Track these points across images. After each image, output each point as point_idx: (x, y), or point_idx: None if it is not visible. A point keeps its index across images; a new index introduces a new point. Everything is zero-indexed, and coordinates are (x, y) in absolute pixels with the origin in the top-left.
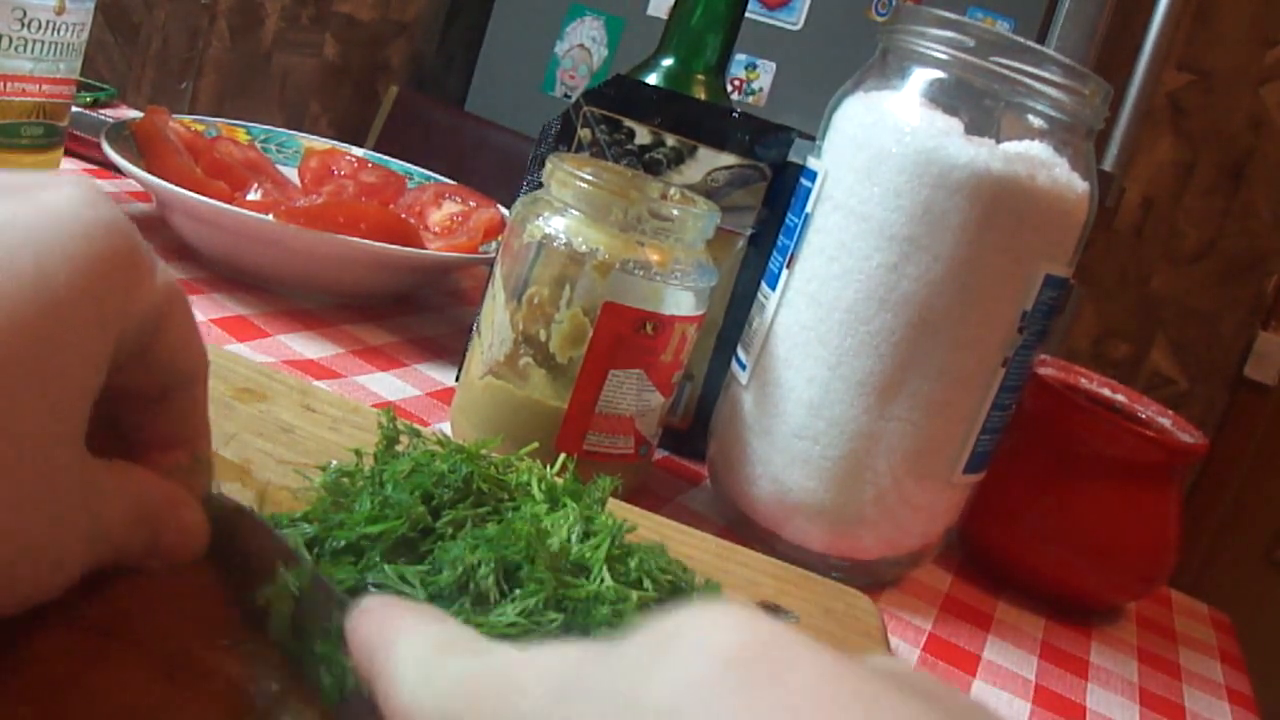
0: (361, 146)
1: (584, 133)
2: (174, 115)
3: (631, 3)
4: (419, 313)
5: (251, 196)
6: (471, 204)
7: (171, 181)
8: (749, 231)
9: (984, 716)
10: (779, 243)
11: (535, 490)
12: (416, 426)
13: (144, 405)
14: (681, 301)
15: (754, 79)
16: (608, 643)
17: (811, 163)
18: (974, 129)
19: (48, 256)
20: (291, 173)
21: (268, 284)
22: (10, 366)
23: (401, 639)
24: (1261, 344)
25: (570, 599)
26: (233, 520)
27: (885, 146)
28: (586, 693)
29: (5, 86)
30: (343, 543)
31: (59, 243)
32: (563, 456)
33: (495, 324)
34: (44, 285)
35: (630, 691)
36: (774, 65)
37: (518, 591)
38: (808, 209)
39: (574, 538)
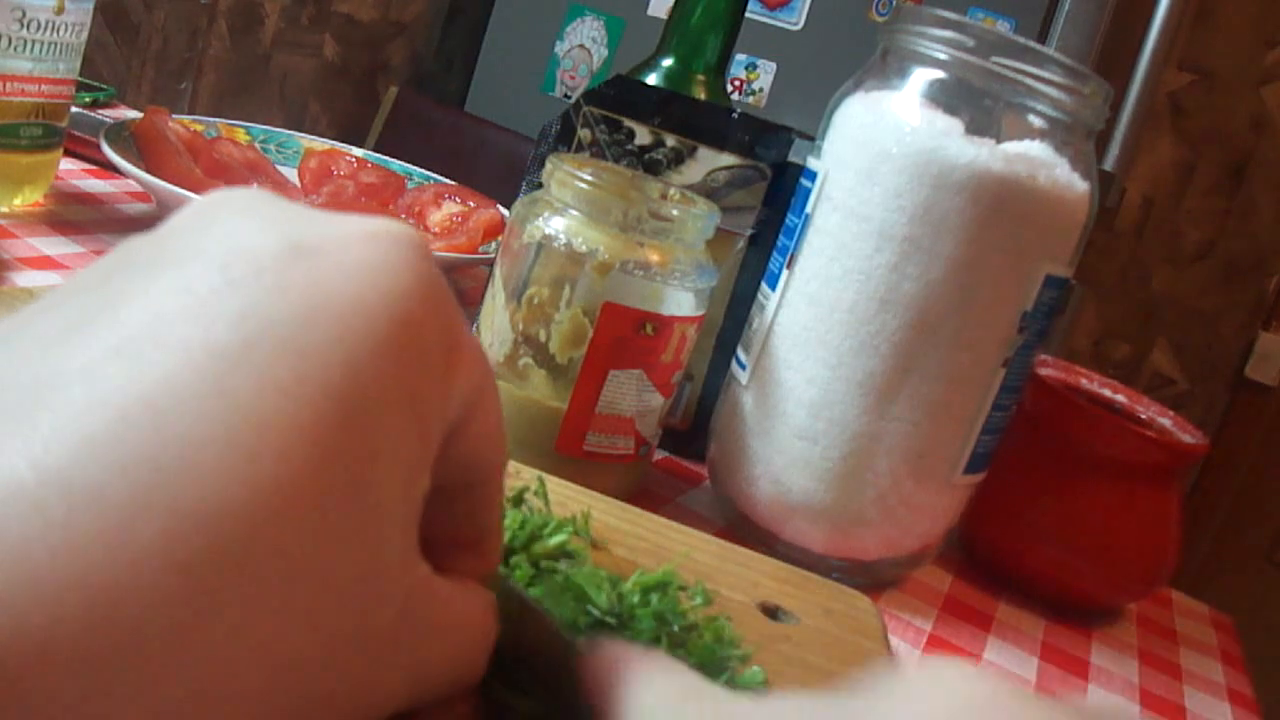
0: (361, 147)
1: (584, 133)
2: (173, 115)
3: (631, 3)
4: None
5: None
6: (471, 204)
7: (171, 182)
8: (749, 232)
9: None
10: (779, 243)
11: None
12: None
13: (441, 503)
14: (681, 302)
15: (754, 79)
16: (847, 697)
17: (811, 163)
18: (974, 129)
19: (357, 353)
20: (291, 173)
21: None
22: (322, 511)
23: (641, 685)
24: (1262, 344)
25: None
26: (519, 623)
27: (885, 147)
28: None
29: (4, 87)
30: None
31: (369, 330)
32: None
33: (495, 324)
34: (357, 394)
35: None
36: (774, 65)
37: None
38: (808, 209)
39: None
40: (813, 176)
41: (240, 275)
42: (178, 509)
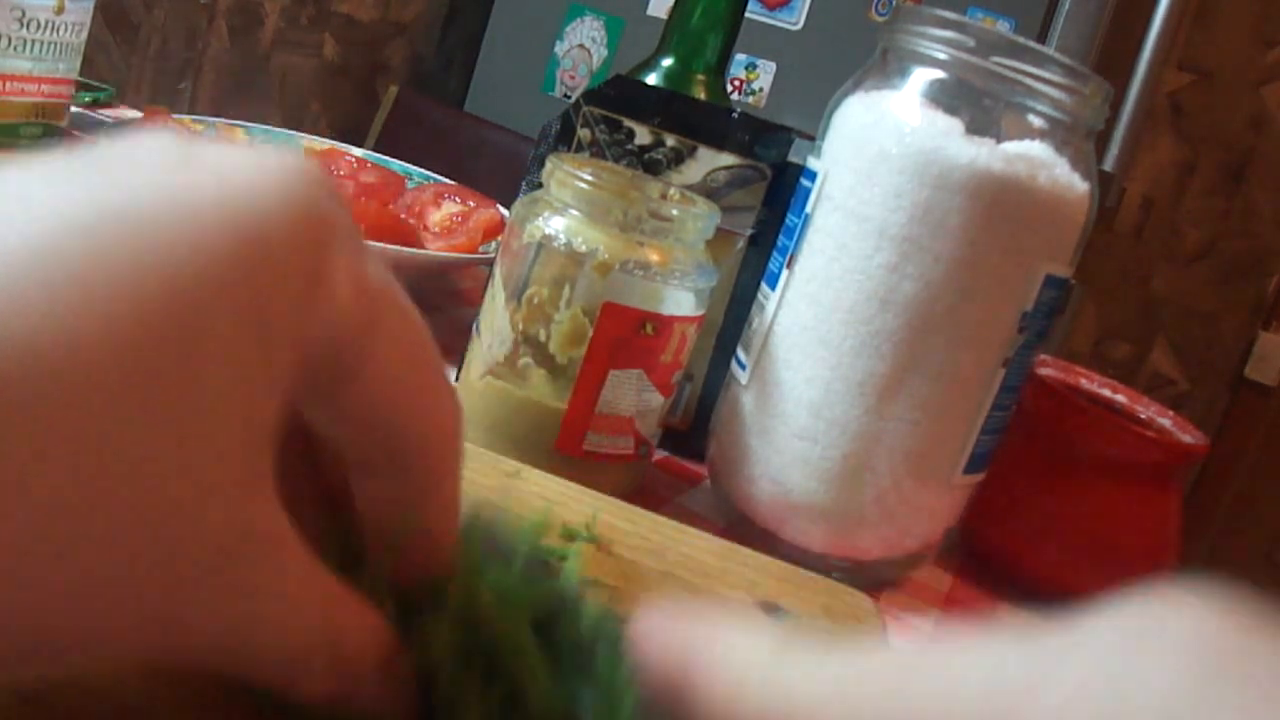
0: (361, 147)
1: (584, 133)
2: (173, 115)
3: (631, 3)
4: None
5: None
6: (471, 204)
7: None
8: (749, 232)
9: None
10: (779, 243)
11: None
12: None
13: (364, 485)
14: (681, 302)
15: (754, 79)
16: (1015, 643)
17: (811, 163)
18: (974, 129)
19: (203, 251)
20: None
21: None
22: (140, 379)
23: (723, 645)
24: (1262, 344)
25: None
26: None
27: (885, 147)
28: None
29: (4, 86)
30: None
31: (221, 234)
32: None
33: (495, 324)
34: (191, 286)
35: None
36: (774, 65)
37: None
38: (808, 209)
39: None
40: (812, 176)
41: (124, 160)
42: None
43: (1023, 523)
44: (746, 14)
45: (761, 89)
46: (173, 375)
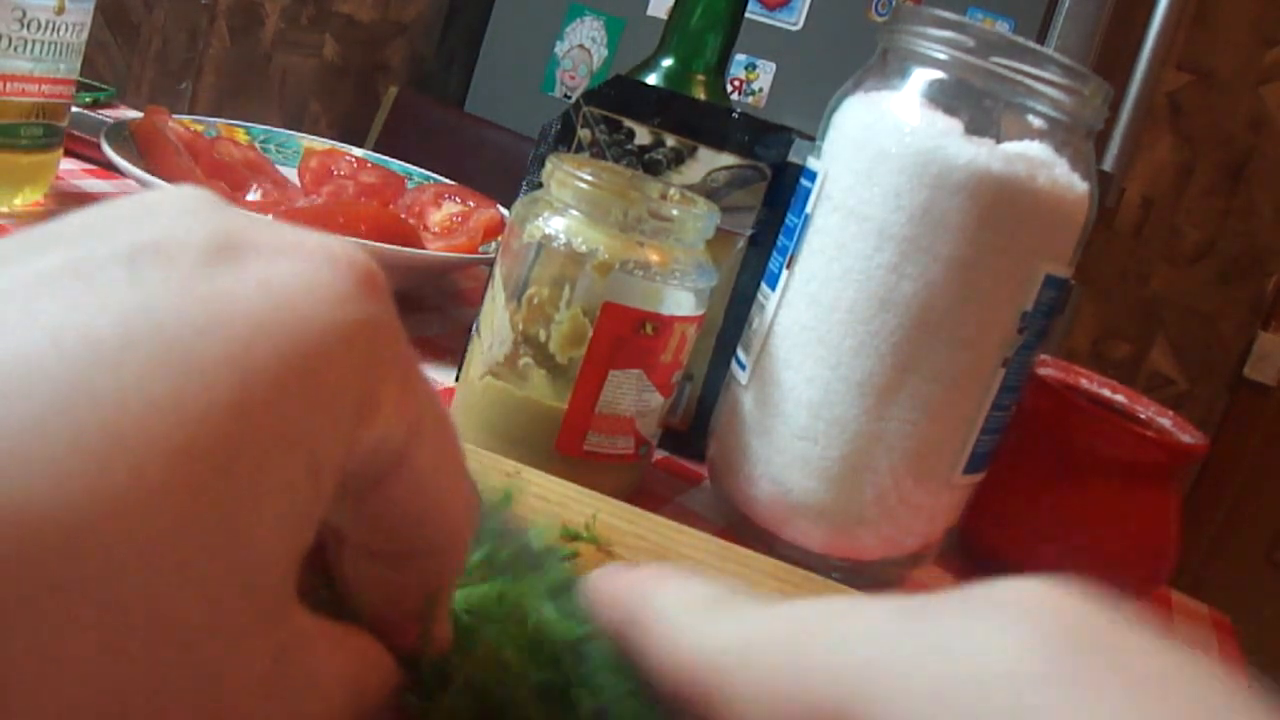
0: (361, 147)
1: (584, 133)
2: (173, 115)
3: (631, 3)
4: (418, 313)
5: (251, 197)
6: (471, 204)
7: (171, 182)
8: (749, 232)
9: None
10: (779, 243)
11: None
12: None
13: (380, 570)
14: (681, 302)
15: (754, 79)
16: (914, 602)
17: (811, 163)
18: (974, 129)
19: (251, 380)
20: (291, 173)
21: None
22: (178, 540)
23: (664, 595)
24: (1262, 344)
25: None
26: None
27: (885, 147)
28: (918, 645)
29: (5, 86)
30: None
31: (270, 357)
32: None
33: (495, 324)
34: (243, 425)
35: (956, 655)
36: (774, 65)
37: None
38: (807, 209)
39: None
40: (812, 176)
41: (144, 270)
42: None
43: (1022, 522)
44: (746, 14)
45: (761, 89)
46: (220, 531)
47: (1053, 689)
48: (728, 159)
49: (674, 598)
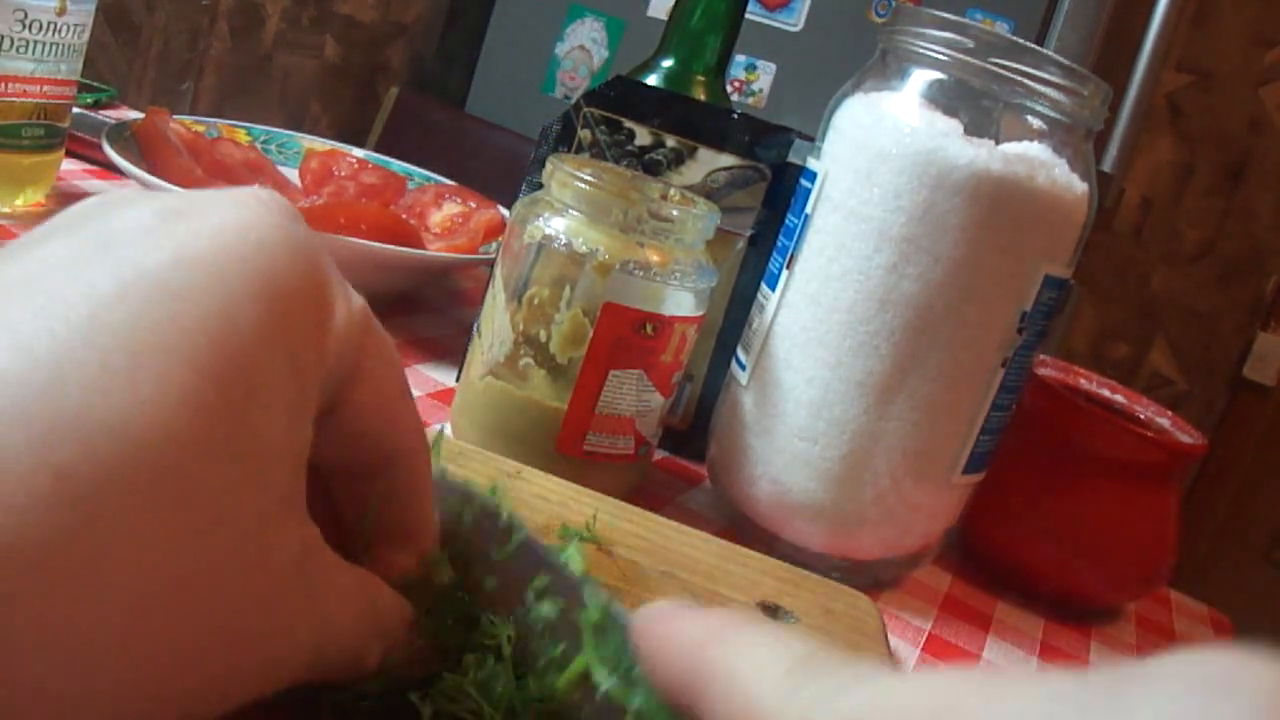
0: (362, 147)
1: (584, 134)
2: (175, 116)
3: (631, 4)
4: (419, 313)
5: None
6: (471, 205)
7: (172, 183)
8: (749, 232)
9: None
10: (779, 243)
11: None
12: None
13: (351, 486)
14: (681, 302)
15: (754, 80)
16: (1073, 683)
17: (811, 164)
18: (973, 130)
19: (229, 296)
20: (292, 174)
21: None
22: (205, 433)
23: (740, 655)
24: (1261, 345)
25: None
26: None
27: (885, 147)
28: None
29: (6, 87)
30: None
31: (239, 276)
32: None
33: (495, 325)
34: (230, 330)
35: None
36: (774, 66)
37: None
38: (807, 210)
39: None
40: (812, 177)
41: (118, 237)
42: (51, 417)
43: (1022, 522)
44: (746, 15)
45: (761, 90)
46: (232, 422)
47: None
48: (728, 160)
49: (755, 658)
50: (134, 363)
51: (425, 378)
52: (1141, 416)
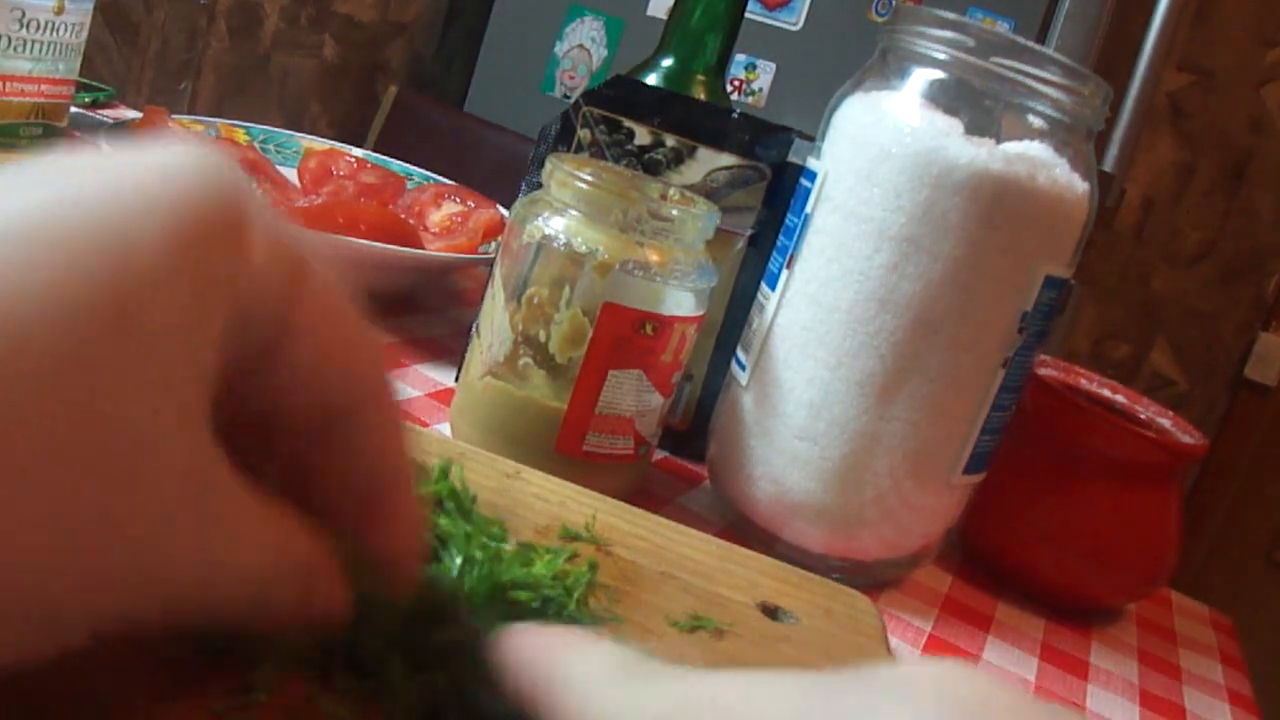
0: (361, 147)
1: (583, 133)
2: (173, 115)
3: (631, 3)
4: (418, 313)
5: None
6: (471, 204)
7: None
8: (749, 232)
9: None
10: (779, 243)
11: None
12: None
13: (306, 442)
14: (681, 302)
15: (754, 79)
16: (825, 679)
17: (811, 163)
18: (974, 129)
19: (136, 217)
20: (291, 173)
21: None
22: (92, 334)
23: (574, 662)
24: (1262, 345)
25: None
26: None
27: (885, 147)
28: None
29: (4, 87)
30: None
31: (150, 203)
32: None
33: (495, 324)
34: (132, 248)
35: None
36: (774, 66)
37: None
38: (807, 209)
39: None
40: (812, 177)
41: (59, 169)
42: None
43: (1023, 523)
44: (746, 14)
45: (761, 89)
46: (122, 332)
47: None
48: (728, 159)
49: (586, 664)
50: (31, 263)
51: (424, 378)
52: (1142, 417)
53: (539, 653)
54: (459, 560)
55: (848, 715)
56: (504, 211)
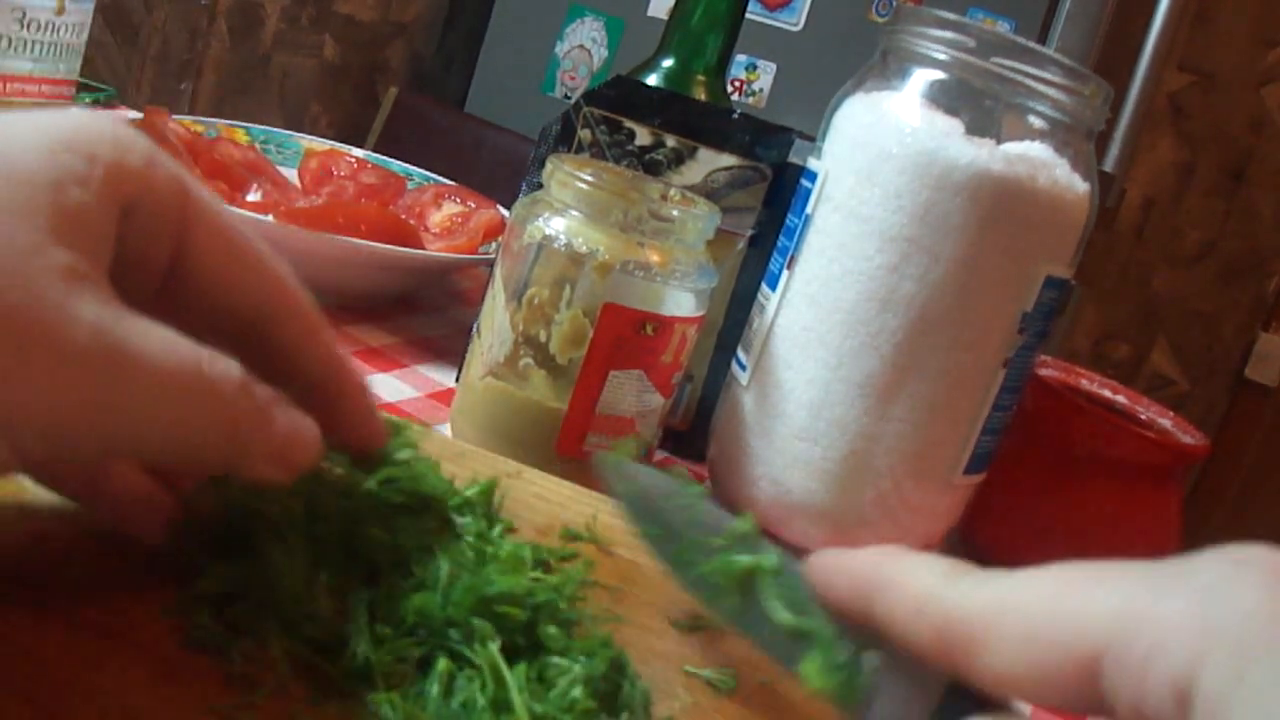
0: (361, 147)
1: (584, 133)
2: (173, 116)
3: (631, 3)
4: (419, 314)
5: (251, 197)
6: (471, 205)
7: None
8: (749, 232)
9: None
10: (779, 244)
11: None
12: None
13: (248, 348)
14: (682, 302)
15: (754, 80)
16: (1149, 567)
17: (812, 164)
18: (975, 130)
19: (35, 137)
20: (291, 174)
21: None
22: None
23: (907, 567)
24: (1262, 345)
25: None
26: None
27: (886, 147)
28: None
29: (5, 87)
30: None
31: (53, 128)
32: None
33: (495, 325)
34: (30, 156)
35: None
36: (774, 66)
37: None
38: (808, 210)
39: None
40: (813, 177)
41: None
42: None
43: (1023, 523)
44: (747, 14)
45: (762, 90)
46: (16, 211)
47: None
48: (728, 160)
49: (915, 569)
50: None
51: (425, 378)
52: (1143, 417)
53: (862, 567)
54: (445, 570)
55: (1190, 584)
56: (504, 212)
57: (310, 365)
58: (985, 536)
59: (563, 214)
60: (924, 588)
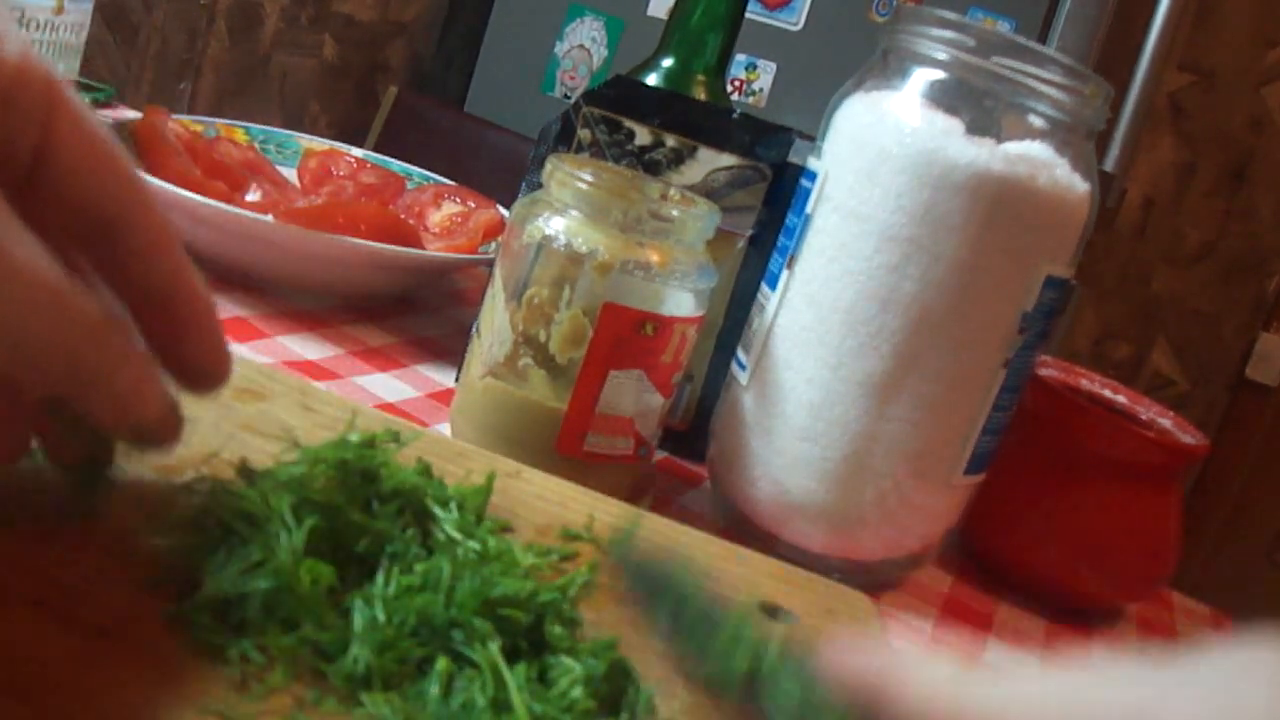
0: (361, 147)
1: (584, 133)
2: (173, 115)
3: (631, 3)
4: (418, 314)
5: (251, 197)
6: (471, 205)
7: (170, 182)
8: (749, 232)
9: None
10: (779, 243)
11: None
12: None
13: (91, 260)
14: (681, 302)
15: (754, 79)
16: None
17: (812, 163)
18: (975, 129)
19: None
20: (291, 173)
21: (267, 285)
22: None
23: (912, 667)
24: (1263, 345)
25: None
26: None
27: (886, 147)
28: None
29: None
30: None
31: None
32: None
33: (495, 325)
34: None
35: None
36: (774, 66)
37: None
38: (808, 210)
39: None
40: (813, 177)
41: None
42: None
43: (1023, 523)
44: (747, 14)
45: (762, 89)
46: None
47: None
48: (728, 159)
49: (922, 668)
50: None
51: (424, 378)
52: (1143, 417)
53: (872, 659)
54: (447, 571)
55: (1201, 681)
56: (504, 211)
57: (157, 277)
58: (985, 537)
59: (562, 214)
60: (933, 683)
